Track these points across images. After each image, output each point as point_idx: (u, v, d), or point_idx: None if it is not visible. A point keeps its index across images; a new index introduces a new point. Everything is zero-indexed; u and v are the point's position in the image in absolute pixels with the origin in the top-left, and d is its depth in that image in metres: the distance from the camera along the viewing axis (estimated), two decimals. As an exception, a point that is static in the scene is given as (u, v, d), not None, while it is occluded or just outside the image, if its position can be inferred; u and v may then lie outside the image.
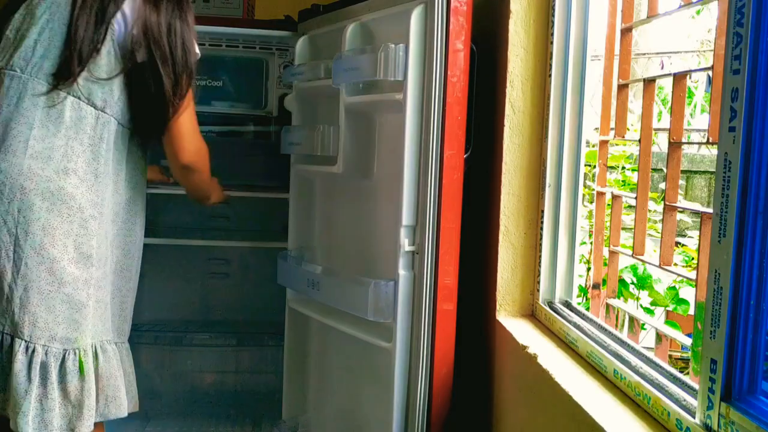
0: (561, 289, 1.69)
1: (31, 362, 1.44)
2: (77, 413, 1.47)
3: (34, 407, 1.43)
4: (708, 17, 5.92)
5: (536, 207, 1.73)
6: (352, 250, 1.95)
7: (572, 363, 1.43)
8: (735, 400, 0.95)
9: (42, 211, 1.46)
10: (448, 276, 1.65)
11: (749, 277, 0.93)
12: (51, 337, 1.46)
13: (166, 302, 2.55)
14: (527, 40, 1.69)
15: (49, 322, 1.46)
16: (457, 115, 1.62)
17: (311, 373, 2.14)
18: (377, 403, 1.77)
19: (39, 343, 1.45)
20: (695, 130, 5.15)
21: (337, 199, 2.01)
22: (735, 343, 0.95)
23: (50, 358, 1.46)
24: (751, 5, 0.91)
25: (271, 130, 2.46)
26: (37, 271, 1.45)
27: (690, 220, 3.32)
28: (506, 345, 1.65)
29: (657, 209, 2.48)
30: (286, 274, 2.04)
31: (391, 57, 1.62)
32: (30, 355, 1.45)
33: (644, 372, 1.23)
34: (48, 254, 1.46)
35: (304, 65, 2.00)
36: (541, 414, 1.44)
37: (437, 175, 1.62)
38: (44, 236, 1.46)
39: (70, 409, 1.47)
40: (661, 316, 2.51)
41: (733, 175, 0.93)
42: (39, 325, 1.45)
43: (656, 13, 1.41)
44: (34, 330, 1.45)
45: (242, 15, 2.56)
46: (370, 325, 1.73)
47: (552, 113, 1.67)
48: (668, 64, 6.61)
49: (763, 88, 0.90)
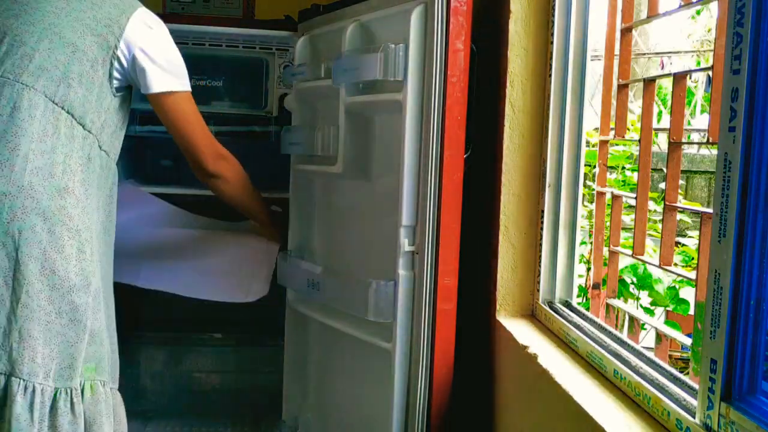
0: (561, 289, 1.69)
1: (32, 404, 1.34)
2: None
3: None
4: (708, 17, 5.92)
5: (536, 207, 1.73)
6: (352, 250, 1.95)
7: (572, 363, 1.43)
8: (735, 400, 0.95)
9: (44, 233, 1.36)
10: (448, 276, 1.65)
11: (749, 277, 0.93)
12: (46, 374, 1.35)
13: (166, 302, 2.55)
14: (527, 40, 1.69)
15: (45, 356, 1.36)
16: (457, 115, 1.62)
17: (311, 373, 2.14)
18: (377, 403, 1.77)
19: (36, 381, 1.34)
20: (695, 130, 5.16)
21: (337, 199, 2.01)
22: (735, 343, 0.95)
23: (45, 397, 1.36)
24: (751, 5, 0.91)
25: (271, 130, 2.46)
26: (37, 299, 1.35)
27: (690, 220, 3.32)
28: (506, 345, 1.65)
29: (657, 209, 2.48)
30: (286, 274, 2.03)
31: (391, 57, 1.62)
32: (30, 396, 1.34)
33: (644, 372, 1.23)
34: (49, 281, 1.36)
35: (304, 65, 2.00)
36: (541, 414, 1.44)
37: (437, 175, 1.62)
38: (45, 261, 1.36)
39: None
40: (661, 316, 2.51)
41: (733, 175, 0.93)
42: (37, 360, 1.35)
43: (656, 13, 1.41)
44: (33, 366, 1.34)
45: (242, 15, 2.56)
46: (370, 325, 1.73)
47: (552, 113, 1.67)
48: (668, 64, 6.61)
49: (763, 88, 0.90)
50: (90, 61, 1.45)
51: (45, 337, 1.36)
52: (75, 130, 1.44)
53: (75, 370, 1.40)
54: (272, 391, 2.37)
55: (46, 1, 1.46)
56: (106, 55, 1.46)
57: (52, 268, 1.37)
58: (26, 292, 1.35)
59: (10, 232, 1.35)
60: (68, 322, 1.38)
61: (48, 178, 1.39)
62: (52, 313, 1.37)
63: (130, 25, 1.48)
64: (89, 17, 1.46)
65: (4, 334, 1.34)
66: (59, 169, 1.40)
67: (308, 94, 2.06)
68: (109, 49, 1.46)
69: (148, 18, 1.54)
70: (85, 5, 1.48)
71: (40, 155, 1.39)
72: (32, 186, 1.37)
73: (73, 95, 1.43)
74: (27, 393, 1.34)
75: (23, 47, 1.42)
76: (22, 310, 1.34)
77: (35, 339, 1.35)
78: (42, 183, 1.38)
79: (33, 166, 1.38)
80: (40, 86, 1.41)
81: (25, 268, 1.35)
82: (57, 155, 1.40)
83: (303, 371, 2.15)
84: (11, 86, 1.40)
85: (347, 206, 1.97)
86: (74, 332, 1.39)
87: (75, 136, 1.44)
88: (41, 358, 1.36)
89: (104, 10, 1.48)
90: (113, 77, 1.49)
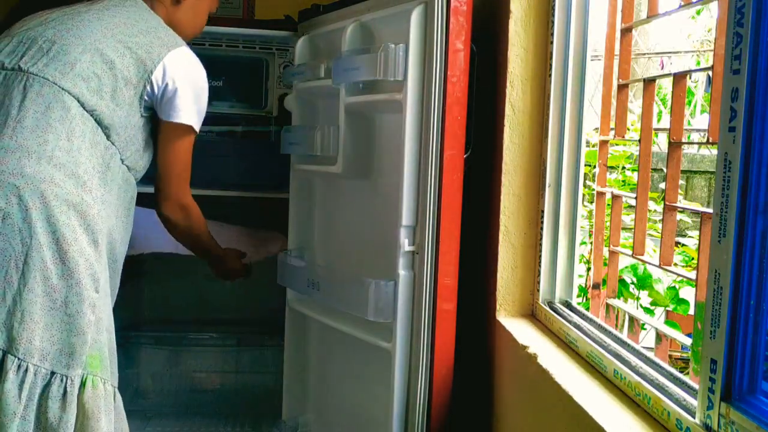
0: (561, 289, 1.69)
1: (23, 382, 1.37)
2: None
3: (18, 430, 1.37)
4: (708, 17, 5.92)
5: (536, 207, 1.73)
6: (352, 250, 1.95)
7: (572, 363, 1.43)
8: (735, 400, 0.95)
9: (59, 224, 1.41)
10: (448, 276, 1.65)
11: (749, 277, 0.93)
12: (42, 357, 1.39)
13: (166, 302, 2.55)
14: (527, 40, 1.69)
15: (44, 340, 1.39)
16: (457, 115, 1.62)
17: (311, 373, 2.14)
18: (377, 403, 1.77)
19: (31, 362, 1.38)
20: (695, 130, 5.16)
21: (337, 199, 2.01)
22: (735, 343, 0.95)
23: (38, 379, 1.38)
24: (751, 5, 0.91)
25: (271, 130, 2.46)
26: (44, 286, 1.39)
27: (690, 220, 3.33)
28: (506, 345, 1.65)
29: (657, 209, 2.48)
30: (286, 274, 2.04)
31: (391, 57, 1.62)
32: (22, 374, 1.37)
33: (644, 372, 1.23)
34: (58, 270, 1.40)
35: (304, 65, 2.00)
36: (541, 414, 1.44)
37: (437, 175, 1.62)
38: (57, 250, 1.40)
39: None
40: (661, 316, 2.51)
41: (733, 175, 0.93)
42: (35, 343, 1.38)
43: (656, 13, 1.41)
44: (30, 348, 1.38)
45: (242, 15, 2.56)
46: (370, 324, 1.73)
47: (552, 113, 1.67)
48: (668, 64, 6.61)
49: (763, 88, 0.90)
50: (124, 79, 1.55)
51: (46, 322, 1.40)
52: (99, 138, 1.53)
53: (75, 359, 1.42)
54: (272, 391, 2.37)
55: (98, 21, 1.59)
56: (141, 77, 1.57)
57: (64, 258, 1.41)
58: (34, 278, 1.39)
59: (27, 219, 1.39)
60: (74, 312, 1.42)
61: (70, 174, 1.45)
62: (58, 300, 1.40)
63: (169, 56, 1.60)
64: (133, 42, 1.57)
65: (8, 313, 1.38)
66: (81, 168, 1.47)
67: (308, 94, 2.06)
68: (145, 72, 1.57)
69: (190, 55, 1.66)
70: (132, 31, 1.59)
71: (66, 153, 1.46)
72: (53, 179, 1.43)
73: (104, 107, 1.53)
74: (20, 371, 1.37)
75: (68, 56, 1.52)
76: (28, 293, 1.38)
77: (36, 323, 1.39)
78: (63, 177, 1.44)
79: (57, 161, 1.44)
80: (75, 92, 1.50)
81: (37, 255, 1.39)
82: (81, 156, 1.48)
83: (303, 371, 2.15)
84: (50, 87, 1.49)
85: (347, 206, 1.97)
86: (78, 323, 1.42)
87: (98, 143, 1.52)
88: (39, 341, 1.39)
89: (148, 39, 1.60)
90: (143, 98, 1.58)
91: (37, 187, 1.41)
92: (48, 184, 1.41)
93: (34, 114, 1.46)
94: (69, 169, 1.45)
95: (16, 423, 1.37)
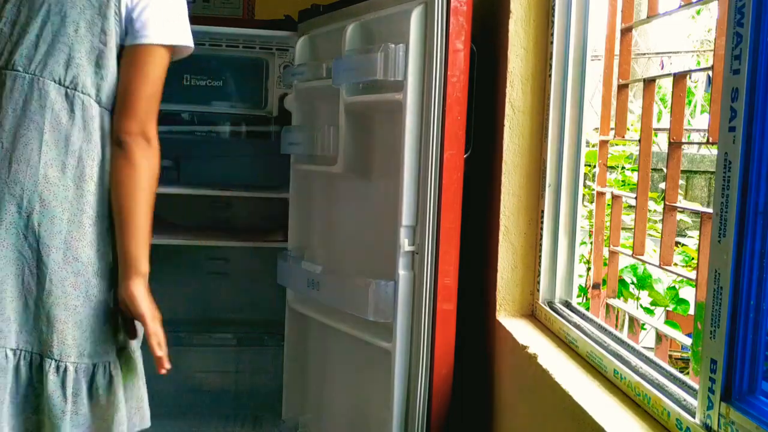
0: (561, 289, 1.69)
1: (65, 382, 1.39)
2: (107, 428, 1.42)
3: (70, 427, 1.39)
4: (708, 17, 5.93)
5: (536, 207, 1.73)
6: (352, 250, 1.95)
7: (572, 363, 1.43)
8: (735, 400, 0.95)
9: (63, 223, 1.38)
10: (448, 276, 1.65)
11: (749, 277, 0.93)
12: (80, 353, 1.40)
13: (165, 302, 2.55)
14: (527, 40, 1.69)
15: (77, 337, 1.40)
16: (457, 115, 1.62)
17: (311, 373, 2.14)
18: (377, 403, 1.77)
19: (69, 361, 1.39)
20: (695, 130, 5.16)
21: (337, 198, 2.01)
22: (735, 343, 0.95)
23: (80, 374, 1.41)
24: (751, 5, 0.91)
25: (271, 130, 2.46)
26: (62, 286, 1.38)
27: (690, 220, 3.32)
28: (506, 345, 1.65)
29: (657, 209, 2.48)
30: (286, 274, 2.04)
31: (391, 57, 1.62)
32: (62, 374, 1.39)
33: (644, 372, 1.23)
34: (72, 268, 1.39)
35: (304, 65, 2.00)
36: (541, 414, 1.44)
37: (437, 175, 1.62)
38: (67, 250, 1.39)
39: (101, 423, 1.42)
40: (661, 316, 2.51)
41: (733, 175, 0.93)
42: (68, 342, 1.39)
43: (656, 13, 1.41)
44: (64, 348, 1.39)
45: (242, 15, 2.57)
46: (370, 325, 1.73)
47: (552, 113, 1.67)
48: (668, 64, 6.61)
49: (763, 88, 0.90)
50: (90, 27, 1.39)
51: (74, 321, 1.40)
52: (92, 110, 1.41)
53: (110, 344, 1.45)
54: (272, 391, 2.37)
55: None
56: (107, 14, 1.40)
57: (75, 255, 1.40)
58: (50, 281, 1.38)
59: (30, 225, 1.38)
60: (97, 304, 1.42)
61: (63, 168, 1.39)
62: (80, 297, 1.40)
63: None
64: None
65: (35, 319, 1.39)
66: (74, 157, 1.40)
67: (308, 94, 2.06)
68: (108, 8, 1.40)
69: None
70: None
71: (54, 146, 1.39)
72: (48, 178, 1.38)
73: (83, 74, 1.41)
74: (59, 372, 1.39)
75: (28, 36, 1.41)
76: (48, 297, 1.38)
77: (63, 323, 1.39)
78: (57, 174, 1.39)
79: (47, 158, 1.39)
80: (47, 73, 1.40)
81: (47, 259, 1.38)
82: (71, 144, 1.40)
83: (303, 371, 2.15)
84: (22, 78, 1.40)
85: (347, 206, 1.97)
86: (103, 313, 1.43)
87: (93, 116, 1.41)
88: (72, 340, 1.40)
89: None
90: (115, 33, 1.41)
91: (33, 192, 1.37)
92: (43, 188, 1.38)
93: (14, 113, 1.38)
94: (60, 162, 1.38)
95: (67, 420, 1.39)
